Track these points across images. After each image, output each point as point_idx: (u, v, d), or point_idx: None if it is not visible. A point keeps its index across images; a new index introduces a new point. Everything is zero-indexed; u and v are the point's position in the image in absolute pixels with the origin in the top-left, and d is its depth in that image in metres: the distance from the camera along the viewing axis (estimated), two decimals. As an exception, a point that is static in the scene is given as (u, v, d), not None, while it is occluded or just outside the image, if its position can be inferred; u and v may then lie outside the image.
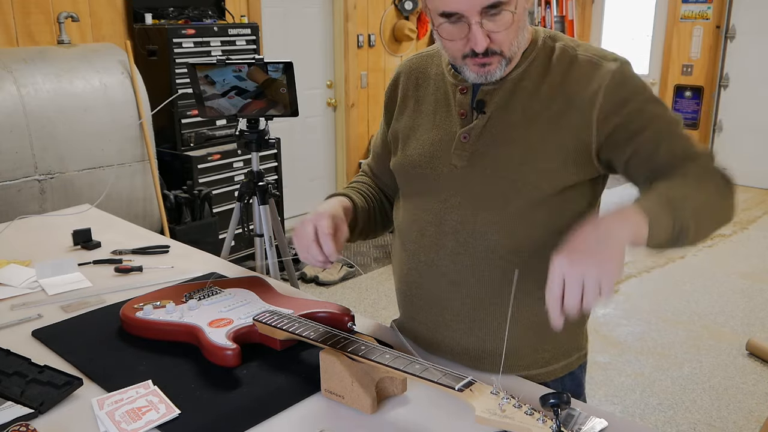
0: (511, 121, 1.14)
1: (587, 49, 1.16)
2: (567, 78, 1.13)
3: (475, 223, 1.15)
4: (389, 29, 5.16)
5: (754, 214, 5.44)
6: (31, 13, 3.27)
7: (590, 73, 1.12)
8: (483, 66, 1.10)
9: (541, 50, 1.16)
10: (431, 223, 1.20)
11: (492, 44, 1.07)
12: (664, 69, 6.44)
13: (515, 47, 1.10)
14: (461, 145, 1.17)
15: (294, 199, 4.83)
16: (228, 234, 2.82)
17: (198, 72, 2.47)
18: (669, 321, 3.52)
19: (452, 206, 1.17)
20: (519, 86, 1.15)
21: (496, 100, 1.15)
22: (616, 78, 1.11)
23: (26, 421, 0.98)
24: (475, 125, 1.16)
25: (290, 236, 3.40)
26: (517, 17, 1.05)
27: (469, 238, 1.16)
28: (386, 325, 1.33)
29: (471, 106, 1.17)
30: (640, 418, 2.69)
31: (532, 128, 1.13)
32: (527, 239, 1.14)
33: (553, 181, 1.12)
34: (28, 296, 1.46)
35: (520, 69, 1.15)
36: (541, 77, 1.14)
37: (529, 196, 1.13)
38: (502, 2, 1.03)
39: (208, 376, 1.11)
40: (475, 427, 0.94)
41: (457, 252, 1.17)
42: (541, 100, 1.13)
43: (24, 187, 2.87)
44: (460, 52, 1.09)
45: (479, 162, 1.15)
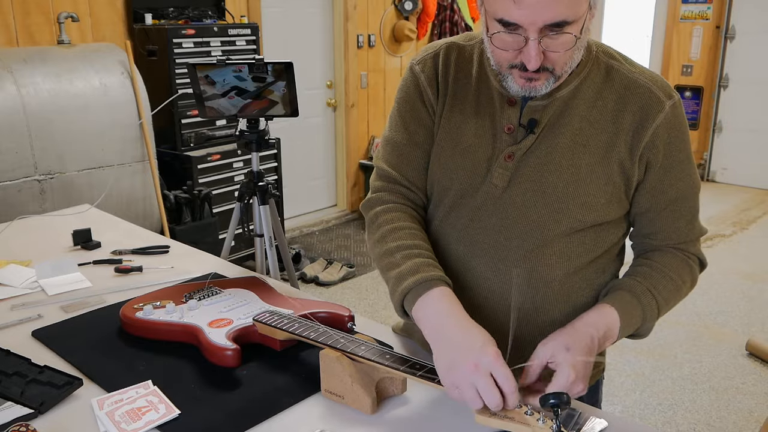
0: (558, 144, 1.07)
1: (644, 74, 1.09)
2: (620, 103, 1.07)
3: (508, 249, 1.10)
4: (389, 29, 5.16)
5: (754, 214, 5.44)
6: (31, 13, 3.27)
7: (645, 105, 1.06)
8: (530, 80, 1.01)
9: (594, 67, 1.09)
10: (460, 241, 1.13)
11: (545, 62, 0.98)
12: (664, 69, 6.44)
13: (569, 67, 1.02)
14: (504, 164, 1.08)
15: (294, 199, 4.84)
16: (228, 234, 2.82)
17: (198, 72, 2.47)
18: (669, 321, 3.52)
19: (485, 227, 1.11)
20: (570, 105, 1.07)
21: (545, 120, 1.07)
22: (669, 118, 1.06)
23: (26, 421, 0.98)
24: (522, 145, 1.08)
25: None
26: (580, 42, 0.98)
27: (499, 263, 1.11)
28: (386, 325, 1.33)
29: (519, 122, 1.08)
30: (640, 418, 2.69)
31: (581, 155, 1.06)
32: (560, 270, 1.11)
33: (595, 215, 1.08)
34: (28, 296, 1.46)
35: (571, 86, 1.07)
36: (594, 98, 1.07)
37: (568, 228, 1.08)
38: (567, 22, 0.93)
39: (208, 376, 1.11)
40: (475, 427, 0.94)
41: (486, 277, 1.12)
42: (592, 124, 1.07)
43: (24, 187, 2.87)
44: (507, 62, 1.01)
45: (521, 184, 1.08)
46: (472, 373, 0.89)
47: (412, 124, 1.17)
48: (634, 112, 1.06)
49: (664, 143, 1.07)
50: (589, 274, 1.14)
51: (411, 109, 1.17)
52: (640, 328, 1.10)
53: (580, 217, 1.07)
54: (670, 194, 1.10)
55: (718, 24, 6.12)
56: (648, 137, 1.06)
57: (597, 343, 1.00)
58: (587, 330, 1.00)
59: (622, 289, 1.09)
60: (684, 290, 1.15)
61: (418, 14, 5.24)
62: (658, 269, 1.11)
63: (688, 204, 1.12)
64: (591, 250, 1.12)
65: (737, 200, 5.82)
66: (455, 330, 0.96)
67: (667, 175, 1.09)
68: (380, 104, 5.24)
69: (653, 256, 1.14)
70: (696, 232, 1.15)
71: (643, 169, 1.08)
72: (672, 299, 1.13)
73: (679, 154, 1.09)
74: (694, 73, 6.33)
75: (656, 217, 1.12)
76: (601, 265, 1.15)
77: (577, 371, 0.93)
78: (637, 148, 1.06)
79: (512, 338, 0.98)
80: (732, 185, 6.27)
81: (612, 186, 1.07)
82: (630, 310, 1.06)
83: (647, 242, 1.16)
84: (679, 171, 1.10)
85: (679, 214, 1.12)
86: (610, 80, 1.08)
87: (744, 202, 5.77)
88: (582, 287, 1.14)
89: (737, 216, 5.38)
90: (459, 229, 1.13)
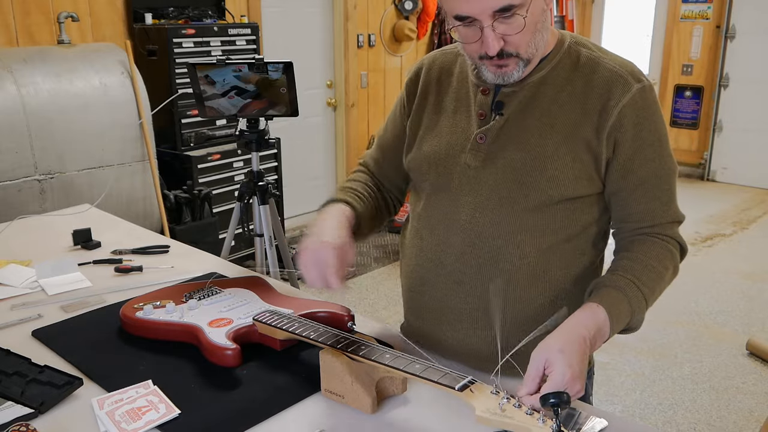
0: (528, 125, 1.14)
1: (614, 60, 1.15)
2: (588, 86, 1.13)
3: (483, 224, 1.16)
4: (389, 29, 5.16)
5: (754, 214, 5.44)
6: (31, 13, 3.27)
7: (612, 86, 1.11)
8: (500, 67, 1.09)
9: (565, 55, 1.15)
10: (441, 221, 1.21)
11: (507, 46, 1.06)
12: (664, 69, 6.44)
13: (533, 48, 1.09)
14: (477, 146, 1.17)
15: (294, 199, 4.83)
16: (228, 234, 2.82)
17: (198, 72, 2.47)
18: (669, 321, 3.52)
19: (462, 205, 1.18)
20: (540, 90, 1.14)
21: (515, 103, 1.15)
22: (636, 100, 1.11)
23: (26, 421, 0.98)
24: (491, 126, 1.16)
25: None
26: (529, 20, 1.04)
27: (475, 239, 1.16)
28: (386, 325, 1.33)
29: (491, 107, 1.17)
30: (640, 418, 2.69)
31: (547, 134, 1.13)
32: (533, 245, 1.15)
33: (562, 190, 1.12)
34: (28, 296, 1.46)
35: (542, 72, 1.15)
36: (563, 83, 1.14)
37: (537, 202, 1.13)
38: (513, 5, 1.01)
39: (208, 376, 1.11)
40: (475, 427, 0.94)
41: (463, 252, 1.18)
42: (561, 106, 1.13)
43: (24, 187, 2.87)
44: (476, 54, 1.09)
45: (492, 163, 1.15)
46: (305, 254, 1.12)
47: (393, 125, 1.36)
48: (601, 93, 1.12)
49: (632, 123, 1.11)
50: (565, 253, 1.17)
51: (397, 111, 1.35)
52: (631, 321, 1.11)
53: (548, 191, 1.12)
54: (639, 174, 1.13)
55: (718, 23, 6.12)
56: (614, 117, 1.10)
57: (588, 342, 1.01)
58: (578, 331, 1.01)
59: (607, 286, 1.10)
60: (667, 277, 1.16)
61: (418, 14, 5.24)
62: (638, 260, 1.13)
63: (661, 186, 1.15)
64: (564, 227, 1.15)
65: (737, 200, 5.81)
66: (320, 225, 1.20)
67: (637, 155, 1.12)
68: (380, 104, 5.24)
69: (633, 247, 1.16)
70: (672, 215, 1.17)
71: (611, 148, 1.12)
72: (657, 288, 1.14)
73: (649, 136, 1.12)
74: (694, 73, 6.33)
75: (628, 198, 1.15)
76: (578, 246, 1.18)
77: (573, 371, 0.94)
78: (604, 127, 1.11)
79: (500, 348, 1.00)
80: (732, 185, 6.26)
81: (580, 163, 1.12)
82: (617, 306, 1.07)
83: (625, 227, 1.18)
84: (649, 152, 1.13)
85: (652, 195, 1.14)
86: (579, 66, 1.15)
87: (744, 201, 5.77)
88: (559, 266, 1.17)
89: (737, 216, 5.38)
90: (439, 210, 1.21)
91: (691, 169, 6.48)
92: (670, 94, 6.45)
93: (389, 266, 4.28)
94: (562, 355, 0.95)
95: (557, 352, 0.96)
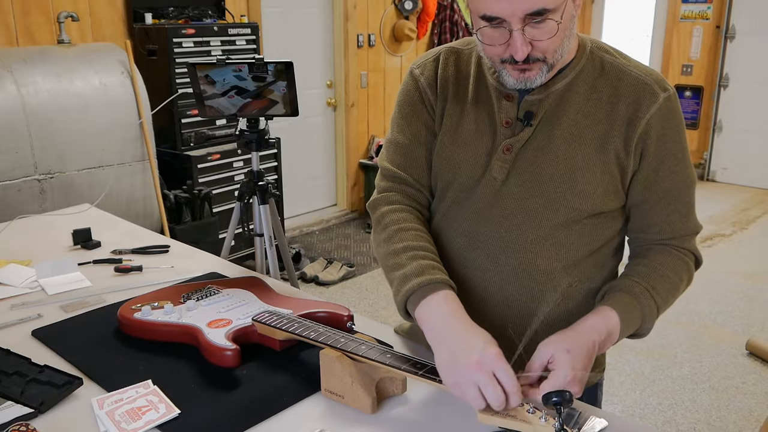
0: (556, 136, 1.09)
1: (638, 67, 1.11)
2: (615, 95, 1.09)
3: (507, 240, 1.12)
4: (389, 29, 5.16)
5: (754, 214, 5.44)
6: (31, 13, 3.27)
7: (639, 96, 1.08)
8: (523, 72, 1.04)
9: (589, 61, 1.11)
10: (461, 233, 1.15)
11: (534, 51, 1.00)
12: (664, 69, 6.43)
13: (559, 54, 1.04)
14: (503, 157, 1.11)
15: (294, 199, 4.83)
16: (228, 234, 2.82)
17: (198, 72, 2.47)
18: (669, 321, 3.52)
19: (485, 219, 1.13)
20: (565, 98, 1.10)
21: (542, 112, 1.10)
22: (663, 110, 1.08)
23: (26, 420, 0.98)
24: (519, 137, 1.10)
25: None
26: (562, 26, 0.99)
27: (499, 254, 1.13)
28: (386, 325, 1.33)
29: (516, 115, 1.11)
30: (640, 417, 2.69)
31: (577, 147, 1.08)
32: (558, 261, 1.12)
33: (591, 205, 1.09)
34: (28, 296, 1.46)
35: (566, 80, 1.10)
36: (589, 91, 1.09)
37: (566, 217, 1.10)
38: (547, 9, 0.96)
39: (208, 376, 1.11)
40: (476, 427, 0.94)
41: (486, 268, 1.14)
42: (588, 116, 1.09)
43: (24, 187, 2.87)
44: (499, 57, 1.04)
45: (519, 176, 1.10)
46: (475, 372, 0.90)
47: (414, 124, 1.19)
48: (629, 103, 1.08)
49: (657, 134, 1.08)
50: (587, 267, 1.15)
51: (413, 110, 1.19)
52: (640, 328, 1.10)
53: (576, 207, 1.09)
54: (663, 186, 1.11)
55: (718, 24, 6.12)
56: (642, 127, 1.08)
57: (597, 347, 1.01)
58: (589, 334, 1.01)
59: (621, 291, 1.09)
60: (681, 288, 1.15)
61: (418, 14, 5.24)
62: (655, 269, 1.12)
63: (682, 198, 1.13)
64: (589, 242, 1.13)
65: (737, 200, 5.81)
66: (458, 330, 0.97)
67: (661, 167, 1.10)
68: (380, 104, 5.24)
69: (650, 255, 1.14)
70: (691, 227, 1.15)
71: (638, 159, 1.10)
72: (670, 298, 1.13)
73: (673, 147, 1.10)
74: (694, 73, 6.33)
75: (650, 210, 1.13)
76: (600, 260, 1.16)
77: (576, 373, 0.94)
78: (632, 138, 1.08)
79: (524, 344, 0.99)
80: (732, 185, 6.26)
81: (609, 176, 1.09)
82: (630, 312, 1.07)
83: (642, 237, 1.16)
84: (672, 163, 1.11)
85: (673, 207, 1.13)
86: (604, 73, 1.11)
87: (744, 201, 5.77)
88: (581, 280, 1.15)
89: (737, 216, 5.38)
90: (460, 222, 1.16)
91: (691, 169, 6.48)
92: (670, 94, 6.45)
93: (389, 266, 4.27)
94: (569, 355, 0.95)
95: (564, 351, 0.95)
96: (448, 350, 0.94)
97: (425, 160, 1.19)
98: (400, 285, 1.06)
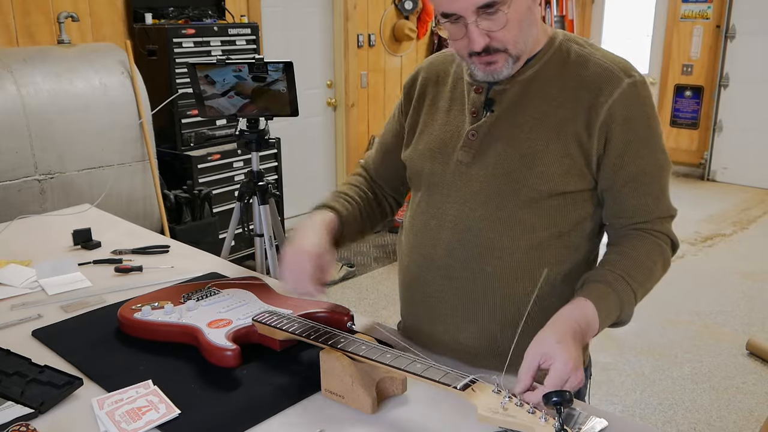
0: (518, 121, 1.15)
1: (605, 55, 1.15)
2: (578, 82, 1.13)
3: (472, 219, 1.17)
4: (389, 29, 5.16)
5: (754, 214, 5.44)
6: (31, 13, 3.27)
7: (602, 82, 1.11)
8: (489, 64, 1.10)
9: (556, 52, 1.16)
10: (433, 216, 1.22)
11: (492, 42, 1.07)
12: (664, 69, 6.44)
13: (521, 44, 1.10)
14: (468, 142, 1.18)
15: (294, 199, 4.83)
16: (228, 234, 2.82)
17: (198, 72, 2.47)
18: (669, 321, 3.52)
19: (453, 201, 1.19)
20: (530, 87, 1.15)
21: (506, 100, 1.16)
22: (625, 95, 1.10)
23: (26, 421, 0.98)
24: (483, 123, 1.17)
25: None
26: (511, 16, 1.05)
27: (465, 234, 1.17)
28: (386, 325, 1.33)
29: (483, 105, 1.18)
30: (640, 418, 2.69)
31: (537, 130, 1.13)
32: (523, 240, 1.15)
33: (551, 185, 1.13)
34: (28, 296, 1.46)
35: (532, 69, 1.15)
36: (554, 79, 1.14)
37: (527, 198, 1.13)
38: (495, 2, 1.03)
39: (208, 376, 1.11)
40: (476, 427, 0.94)
41: (453, 246, 1.18)
42: (551, 102, 1.13)
43: (24, 187, 2.87)
44: (464, 51, 1.10)
45: (482, 159, 1.16)
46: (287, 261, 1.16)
47: (391, 125, 1.38)
48: (591, 89, 1.12)
49: (622, 118, 1.11)
50: (558, 249, 1.17)
51: (396, 113, 1.36)
52: (621, 316, 1.11)
53: (537, 187, 1.13)
54: (630, 170, 1.13)
55: (718, 23, 6.12)
56: (605, 112, 1.10)
57: (580, 336, 1.01)
58: (569, 323, 1.01)
59: (595, 281, 1.10)
60: (657, 272, 1.16)
61: (418, 14, 5.24)
62: (627, 255, 1.13)
63: (653, 182, 1.15)
64: (555, 223, 1.16)
65: (737, 200, 5.81)
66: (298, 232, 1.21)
67: (627, 151, 1.12)
68: (380, 104, 5.24)
69: (623, 242, 1.16)
70: (664, 210, 1.17)
71: (602, 143, 1.12)
72: (647, 282, 1.14)
73: (641, 132, 1.12)
74: (694, 73, 6.33)
75: (620, 194, 1.15)
76: (572, 242, 1.18)
77: (575, 360, 0.94)
78: (594, 123, 1.11)
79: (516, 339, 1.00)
80: (732, 185, 6.26)
81: (569, 158, 1.12)
82: (606, 300, 1.07)
83: (617, 222, 1.18)
84: (640, 148, 1.12)
85: (643, 191, 1.14)
86: (570, 62, 1.15)
87: (744, 201, 5.77)
88: (551, 262, 1.17)
89: (737, 216, 5.37)
90: (432, 206, 1.23)
91: (691, 169, 6.48)
92: (670, 94, 6.45)
93: (389, 266, 4.28)
94: (561, 345, 0.95)
95: (555, 343, 0.96)
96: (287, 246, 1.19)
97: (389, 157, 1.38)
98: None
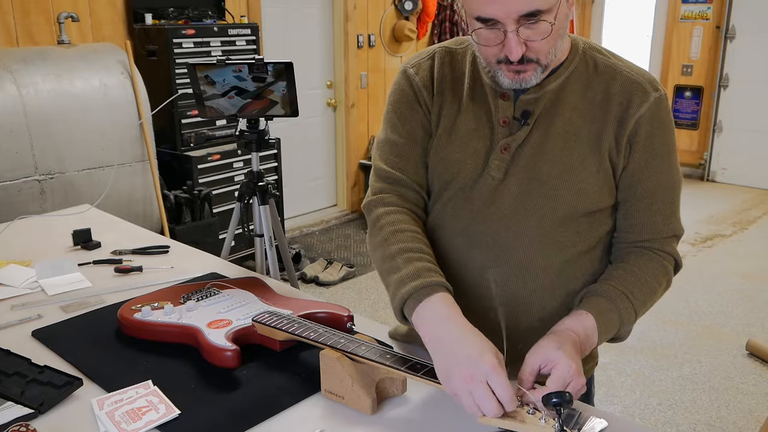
0: (552, 134, 1.10)
1: (630, 67, 1.13)
2: (608, 94, 1.10)
3: (506, 237, 1.12)
4: (389, 29, 5.16)
5: (754, 214, 5.44)
6: (31, 13, 3.27)
7: (631, 95, 1.10)
8: (518, 73, 1.05)
9: (581, 61, 1.13)
10: (460, 233, 1.15)
11: (528, 52, 1.02)
12: (664, 69, 6.44)
13: (552, 55, 1.05)
14: (500, 156, 1.11)
15: (294, 199, 4.84)
16: (228, 234, 2.82)
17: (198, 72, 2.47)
18: (669, 321, 3.52)
19: (484, 218, 1.13)
20: (560, 97, 1.11)
21: (538, 111, 1.11)
22: (652, 110, 1.09)
23: (26, 421, 0.98)
24: (517, 136, 1.11)
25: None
26: (556, 27, 1.00)
27: (498, 253, 1.13)
28: (387, 325, 1.33)
29: (513, 114, 1.12)
30: (640, 418, 2.69)
31: (572, 145, 1.09)
32: (556, 258, 1.13)
33: (589, 202, 1.10)
34: (28, 296, 1.46)
35: (560, 79, 1.11)
36: (583, 90, 1.11)
37: (564, 215, 1.10)
38: (540, 11, 0.97)
39: (208, 376, 1.11)
40: (476, 428, 0.94)
41: (485, 267, 1.14)
42: (582, 115, 1.10)
43: (24, 187, 2.87)
44: (494, 58, 1.05)
45: (517, 174, 1.11)
46: (468, 383, 0.89)
47: (409, 124, 1.18)
48: (620, 102, 1.10)
49: (646, 133, 1.10)
50: (584, 263, 1.16)
51: (407, 109, 1.19)
52: (619, 332, 1.11)
53: (574, 205, 1.10)
54: (647, 185, 1.12)
55: (718, 24, 6.12)
56: (632, 126, 1.09)
57: (579, 346, 1.01)
58: (568, 334, 1.01)
59: (598, 295, 1.09)
60: (659, 292, 1.15)
61: (418, 14, 5.24)
62: (633, 273, 1.12)
63: (665, 199, 1.13)
64: (586, 239, 1.14)
65: (737, 200, 5.81)
66: (453, 337, 0.95)
67: (647, 166, 1.11)
68: (380, 104, 5.24)
69: (629, 259, 1.14)
70: (672, 229, 1.15)
71: (627, 156, 1.11)
72: (648, 301, 1.13)
73: (660, 147, 1.11)
74: (694, 73, 6.33)
75: (633, 209, 1.13)
76: (595, 256, 1.17)
77: (577, 364, 0.94)
78: (623, 136, 1.09)
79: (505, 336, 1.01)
80: (732, 185, 6.26)
81: (603, 173, 1.10)
82: (607, 315, 1.07)
83: (624, 237, 1.16)
84: (658, 163, 1.11)
85: (656, 208, 1.13)
86: (598, 72, 1.12)
87: (744, 202, 5.77)
88: (577, 276, 1.16)
89: (737, 216, 5.37)
90: (458, 221, 1.15)
91: (691, 169, 6.48)
92: (670, 95, 6.44)
93: (389, 266, 4.27)
94: (562, 350, 0.95)
95: (556, 349, 0.96)
96: (444, 359, 0.94)
97: (421, 159, 1.18)
98: (397, 289, 1.05)
